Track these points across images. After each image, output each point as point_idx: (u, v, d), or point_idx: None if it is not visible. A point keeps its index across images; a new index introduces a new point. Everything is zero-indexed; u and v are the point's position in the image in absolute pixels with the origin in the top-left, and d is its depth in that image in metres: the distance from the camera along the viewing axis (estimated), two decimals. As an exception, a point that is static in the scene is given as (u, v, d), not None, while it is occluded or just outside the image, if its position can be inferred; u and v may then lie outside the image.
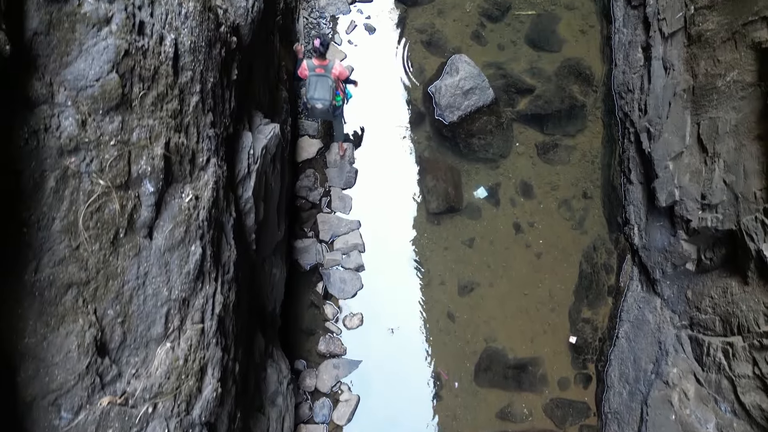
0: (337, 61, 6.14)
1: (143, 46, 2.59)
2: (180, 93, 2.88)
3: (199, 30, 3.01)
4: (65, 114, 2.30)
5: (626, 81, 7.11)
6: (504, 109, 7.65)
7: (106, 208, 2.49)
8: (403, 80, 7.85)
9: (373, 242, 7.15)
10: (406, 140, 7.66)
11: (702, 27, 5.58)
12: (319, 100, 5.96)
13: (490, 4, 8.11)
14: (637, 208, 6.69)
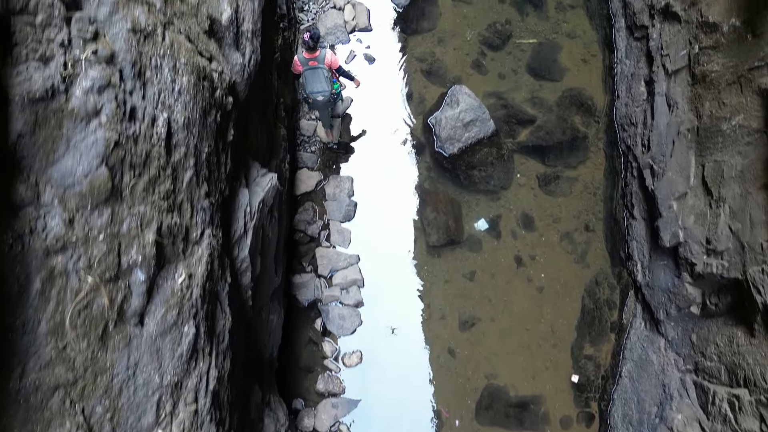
0: (327, 50, 6.07)
1: (134, 133, 2.51)
2: (173, 171, 2.79)
3: (193, 103, 2.93)
4: (52, 214, 2.21)
5: (629, 114, 7.03)
6: (505, 140, 7.57)
7: (94, 304, 2.40)
8: (402, 110, 7.77)
9: (373, 277, 7.06)
10: (405, 171, 7.57)
11: (706, 67, 5.49)
12: (319, 93, 6.03)
13: (490, 32, 8.03)
14: (640, 244, 6.60)
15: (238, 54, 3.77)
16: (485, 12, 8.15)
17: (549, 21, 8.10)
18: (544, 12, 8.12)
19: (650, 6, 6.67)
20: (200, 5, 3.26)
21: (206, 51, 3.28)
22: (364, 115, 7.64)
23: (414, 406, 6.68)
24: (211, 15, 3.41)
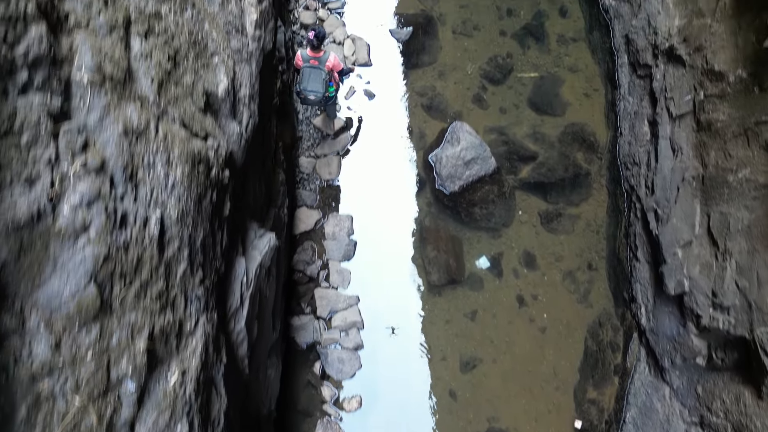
0: (331, 53, 6.09)
1: (125, 241, 2.42)
2: (166, 269, 2.70)
3: (188, 194, 2.84)
4: (37, 339, 2.12)
5: (632, 153, 6.94)
6: (506, 177, 7.47)
7: (82, 424, 2.30)
8: (403, 146, 7.68)
9: (373, 318, 6.95)
10: (406, 207, 7.48)
11: (712, 116, 5.41)
12: (311, 92, 5.98)
13: (491, 66, 7.95)
14: (644, 287, 6.50)
15: (235, 123, 3.68)
16: (486, 45, 8.07)
17: (551, 54, 8.02)
18: (545, 45, 8.05)
19: (654, 45, 6.59)
20: (195, 84, 3.17)
21: (202, 130, 3.19)
22: (364, 151, 7.54)
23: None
24: (207, 90, 3.32)
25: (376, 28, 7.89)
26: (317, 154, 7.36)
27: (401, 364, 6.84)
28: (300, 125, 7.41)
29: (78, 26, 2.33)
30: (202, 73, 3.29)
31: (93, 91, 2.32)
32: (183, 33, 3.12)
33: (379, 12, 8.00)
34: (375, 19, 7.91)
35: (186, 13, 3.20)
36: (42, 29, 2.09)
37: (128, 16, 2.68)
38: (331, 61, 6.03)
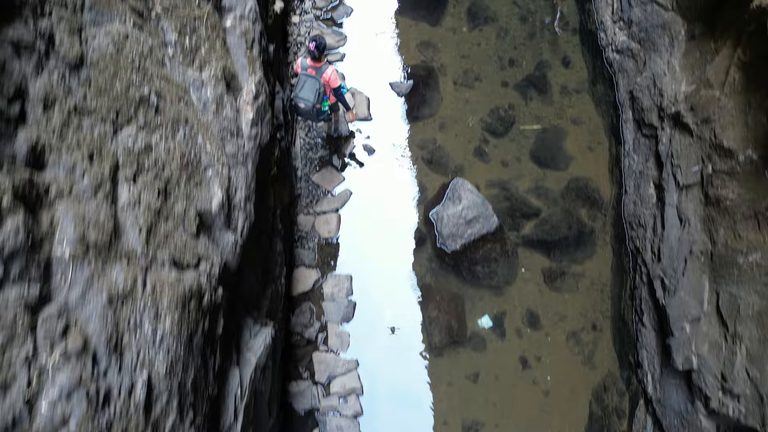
0: (330, 67, 6.07)
1: (108, 420, 2.27)
2: (153, 429, 2.55)
3: (177, 341, 2.69)
4: None
5: (637, 214, 6.80)
6: (509, 234, 7.33)
7: None
8: (403, 201, 7.54)
9: (372, 383, 6.79)
10: (406, 264, 7.33)
11: (721, 192, 5.27)
12: (302, 100, 5.93)
13: (493, 118, 7.82)
14: (651, 355, 6.35)
15: (230, 233, 3.54)
16: (487, 96, 7.95)
17: (553, 106, 7.89)
18: (548, 96, 7.92)
19: (659, 107, 6.47)
20: (188, 209, 3.03)
21: (194, 257, 3.05)
22: (364, 207, 7.40)
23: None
24: (200, 210, 3.18)
25: (375, 81, 7.75)
26: (316, 211, 7.22)
27: (401, 430, 6.68)
28: (299, 182, 7.28)
29: (60, 196, 2.20)
30: (195, 194, 3.15)
31: (75, 265, 2.18)
32: (175, 159, 2.98)
33: (379, 64, 7.87)
34: (375, 71, 7.78)
35: (178, 134, 3.07)
36: (19, 219, 1.96)
37: (116, 163, 2.55)
38: (328, 74, 6.01)
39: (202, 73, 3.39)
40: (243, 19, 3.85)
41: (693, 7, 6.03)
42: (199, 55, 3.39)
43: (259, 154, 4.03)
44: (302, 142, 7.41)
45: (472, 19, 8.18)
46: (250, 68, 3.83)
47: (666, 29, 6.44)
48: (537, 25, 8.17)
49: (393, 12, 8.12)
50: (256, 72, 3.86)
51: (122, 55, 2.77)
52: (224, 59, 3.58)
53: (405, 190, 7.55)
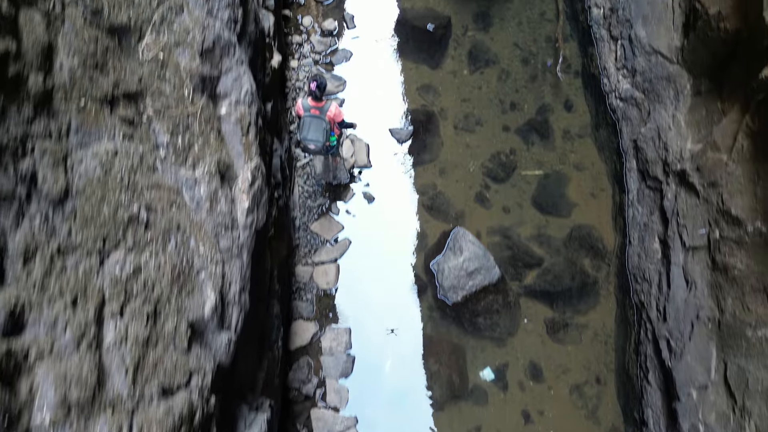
0: (332, 103, 6.06)
1: None
2: None
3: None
4: None
5: (642, 267, 6.67)
6: (511, 285, 7.20)
7: None
8: (403, 249, 7.41)
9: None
10: (406, 314, 7.19)
11: (728, 261, 5.14)
12: (312, 141, 5.95)
13: (494, 163, 7.70)
14: (656, 415, 6.21)
15: (223, 333, 3.41)
16: (488, 141, 7.83)
17: (555, 151, 7.78)
18: (550, 141, 7.80)
19: (664, 161, 6.35)
20: (179, 325, 2.91)
21: (185, 375, 2.92)
22: (363, 257, 7.27)
23: None
24: (192, 320, 3.06)
25: (375, 127, 7.64)
26: (315, 261, 7.09)
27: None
28: (297, 232, 7.15)
29: (40, 357, 2.08)
30: (186, 304, 3.03)
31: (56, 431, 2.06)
32: (165, 274, 2.86)
33: (379, 109, 7.76)
34: (374, 117, 7.66)
35: (169, 246, 2.95)
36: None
37: (101, 300, 2.43)
38: (332, 111, 6.00)
39: (196, 171, 3.28)
40: (239, 104, 3.74)
41: (699, 63, 5.92)
42: (192, 153, 3.27)
43: (255, 239, 3.91)
44: (300, 190, 7.29)
45: (473, 62, 8.07)
46: (246, 155, 3.72)
47: (671, 82, 6.33)
48: (539, 68, 8.07)
49: (393, 55, 8.02)
50: (252, 158, 3.75)
51: (110, 176, 2.65)
52: (219, 152, 3.47)
53: (405, 238, 7.42)
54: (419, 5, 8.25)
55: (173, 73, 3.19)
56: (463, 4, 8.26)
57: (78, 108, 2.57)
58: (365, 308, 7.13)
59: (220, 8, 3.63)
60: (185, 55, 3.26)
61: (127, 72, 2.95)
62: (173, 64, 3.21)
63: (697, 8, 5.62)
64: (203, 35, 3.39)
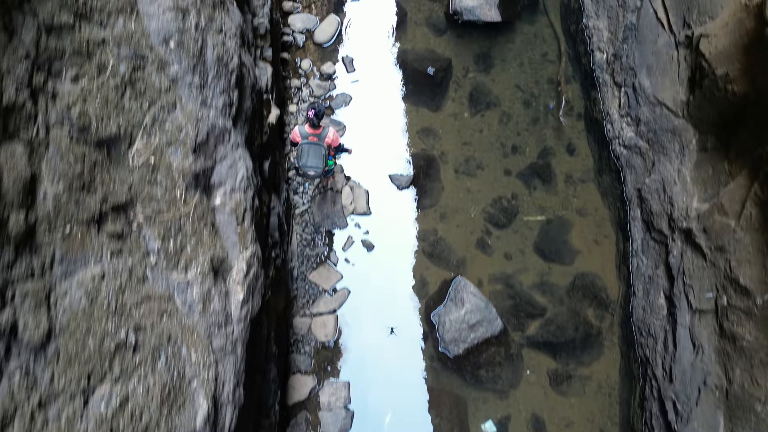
0: (330, 128, 6.07)
1: None
2: None
3: None
4: None
5: (647, 322, 6.54)
6: (513, 335, 7.07)
7: None
8: (403, 297, 7.27)
9: (371, 499, 6.52)
10: (406, 365, 7.05)
11: (737, 330, 5.01)
12: (311, 168, 5.94)
13: (496, 209, 7.58)
14: (662, 476, 6.08)
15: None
16: (490, 185, 7.71)
17: (558, 196, 7.66)
18: (552, 186, 7.68)
19: (669, 216, 6.23)
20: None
21: (175, 500, 2.79)
22: (363, 307, 7.13)
23: None
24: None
25: (375, 173, 7.52)
26: (312, 312, 6.96)
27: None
28: (295, 282, 7.02)
29: None
30: (177, 422, 2.90)
31: None
32: (154, 397, 2.74)
33: (379, 155, 7.64)
34: (374, 163, 7.55)
35: (159, 363, 2.83)
36: None
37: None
38: (330, 137, 6.01)
39: (188, 273, 3.16)
40: (234, 192, 3.62)
41: (705, 120, 5.81)
42: (184, 255, 3.16)
43: (249, 330, 3.78)
44: (299, 238, 7.17)
45: (473, 105, 7.96)
46: (241, 244, 3.60)
47: (676, 135, 6.22)
48: (541, 110, 7.96)
49: (393, 99, 7.90)
50: (247, 246, 3.63)
51: (96, 304, 2.53)
52: (213, 248, 3.35)
53: (405, 287, 7.29)
54: (419, 46, 8.15)
55: (165, 175, 3.08)
56: (464, 44, 8.16)
57: (63, 236, 2.46)
58: (364, 361, 6.99)
59: (215, 96, 3.52)
60: (177, 154, 3.15)
61: (116, 183, 2.83)
62: (165, 165, 3.09)
63: (704, 66, 5.51)
64: (197, 130, 3.28)
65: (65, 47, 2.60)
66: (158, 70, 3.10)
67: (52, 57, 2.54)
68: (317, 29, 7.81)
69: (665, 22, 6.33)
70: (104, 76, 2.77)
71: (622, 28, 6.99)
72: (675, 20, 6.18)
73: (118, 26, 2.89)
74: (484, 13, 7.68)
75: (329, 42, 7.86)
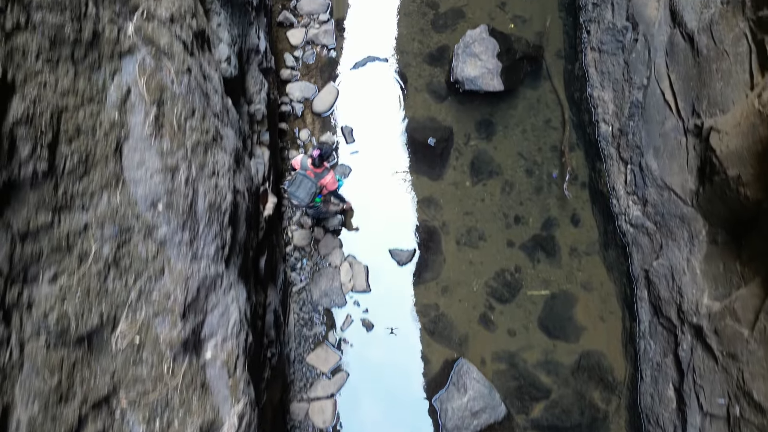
0: (330, 173, 6.03)
1: None
2: None
3: None
4: None
5: (656, 412, 6.34)
6: (517, 418, 6.86)
7: None
8: (404, 380, 7.06)
9: None
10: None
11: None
12: (296, 198, 5.88)
13: (499, 283, 7.39)
14: None
15: None
16: (493, 257, 7.52)
17: (562, 269, 7.46)
18: (556, 259, 7.49)
19: (678, 306, 6.04)
20: None
21: None
22: (361, 391, 6.93)
23: None
24: None
25: (375, 248, 7.33)
26: (310, 397, 6.76)
27: None
28: (292, 366, 6.82)
29: None
30: None
31: None
32: None
33: (379, 228, 7.46)
34: (374, 237, 7.37)
35: None
36: None
37: None
38: (327, 180, 5.99)
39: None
40: (226, 342, 3.44)
41: (716, 214, 5.63)
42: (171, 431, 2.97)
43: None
44: (296, 318, 6.98)
45: (475, 173, 7.78)
46: (233, 398, 3.41)
47: (685, 223, 6.04)
48: (544, 179, 7.78)
49: (393, 169, 7.72)
50: (239, 399, 3.44)
51: None
52: (202, 414, 3.16)
53: (406, 368, 7.09)
54: (420, 113, 7.98)
55: (151, 351, 2.90)
56: (465, 111, 7.99)
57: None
58: (366, 424, 6.79)
59: (206, 244, 3.34)
60: (165, 324, 2.97)
61: (98, 375, 2.65)
62: (151, 340, 2.91)
63: (714, 163, 5.34)
64: (186, 291, 3.10)
65: (43, 248, 2.43)
66: (145, 238, 2.92)
67: (27, 264, 2.37)
68: (316, 98, 7.64)
69: (673, 105, 6.17)
70: (85, 266, 2.60)
71: (628, 104, 6.83)
72: (683, 105, 6.02)
73: (102, 204, 2.72)
74: (486, 83, 7.52)
75: (328, 111, 7.69)
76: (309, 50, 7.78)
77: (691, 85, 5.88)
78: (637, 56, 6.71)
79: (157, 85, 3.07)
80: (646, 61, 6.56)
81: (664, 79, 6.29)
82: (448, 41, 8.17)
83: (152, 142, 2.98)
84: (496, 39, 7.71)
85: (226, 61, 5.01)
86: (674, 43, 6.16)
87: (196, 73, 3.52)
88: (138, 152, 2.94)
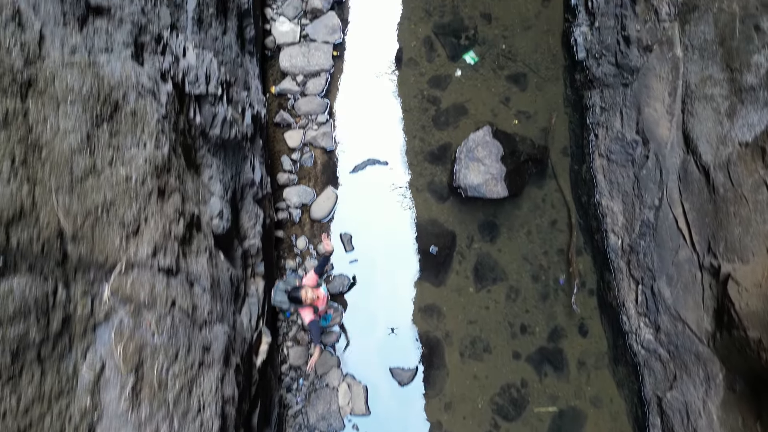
0: (320, 290, 5.67)
1: None
2: None
3: None
4: None
5: None
6: None
7: None
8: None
9: None
10: None
11: None
12: (276, 301, 5.60)
13: (504, 399, 7.08)
14: None
15: None
16: (498, 370, 7.22)
17: (570, 384, 7.16)
18: (564, 373, 7.19)
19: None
20: None
21: None
22: None
23: None
24: None
25: (374, 367, 7.03)
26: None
27: None
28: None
29: None
30: None
31: None
32: None
33: (379, 345, 7.16)
34: (373, 355, 7.07)
35: None
36: None
37: None
38: (306, 303, 5.44)
39: None
40: None
41: (733, 360, 5.34)
42: None
43: None
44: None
45: (479, 279, 7.49)
46: None
47: (701, 362, 5.75)
48: (550, 285, 7.49)
49: (393, 278, 7.43)
50: None
51: None
52: None
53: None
54: (421, 215, 7.69)
55: None
56: (467, 212, 7.71)
57: None
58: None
59: None
60: None
61: None
62: None
63: (733, 317, 5.06)
64: None
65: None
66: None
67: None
68: (314, 204, 7.36)
69: (687, 235, 5.90)
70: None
71: (638, 221, 6.56)
72: (698, 239, 5.74)
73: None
74: (490, 190, 7.24)
75: (326, 217, 7.40)
76: (307, 153, 7.50)
77: (706, 221, 5.61)
78: (648, 174, 6.44)
79: (135, 349, 2.79)
80: (658, 182, 6.30)
81: (677, 206, 6.02)
82: (450, 138, 7.89)
83: (129, 417, 2.70)
84: (500, 141, 7.44)
85: (218, 216, 4.73)
86: (688, 171, 5.90)
87: (181, 302, 3.25)
88: (113, 431, 2.65)
